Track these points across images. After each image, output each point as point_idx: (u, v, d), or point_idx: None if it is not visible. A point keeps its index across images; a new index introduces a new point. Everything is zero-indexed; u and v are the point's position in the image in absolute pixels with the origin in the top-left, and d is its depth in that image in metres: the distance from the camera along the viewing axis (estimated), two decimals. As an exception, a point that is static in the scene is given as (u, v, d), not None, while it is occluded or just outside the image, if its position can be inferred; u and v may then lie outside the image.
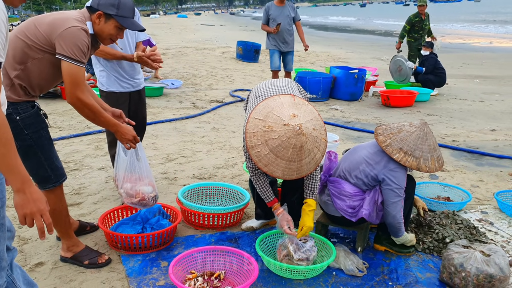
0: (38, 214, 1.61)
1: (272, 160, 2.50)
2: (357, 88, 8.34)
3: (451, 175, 4.60)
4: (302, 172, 2.56)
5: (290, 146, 2.45)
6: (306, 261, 2.74)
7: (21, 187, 1.57)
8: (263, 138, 2.48)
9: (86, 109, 2.54)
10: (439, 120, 6.97)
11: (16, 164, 1.54)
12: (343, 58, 15.16)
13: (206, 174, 4.53)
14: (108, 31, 2.63)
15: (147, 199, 2.84)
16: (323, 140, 2.58)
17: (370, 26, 40.89)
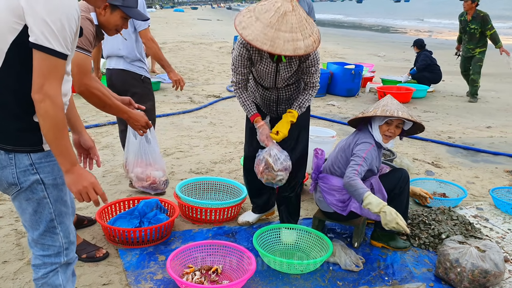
0: (90, 187, 1.71)
1: (251, 23, 2.39)
2: (354, 84, 8.35)
3: (447, 172, 4.63)
4: (275, 46, 2.33)
5: (273, 9, 2.36)
6: (285, 171, 2.76)
7: (71, 168, 1.66)
8: (253, 7, 2.47)
9: (95, 97, 2.55)
10: (435, 116, 7.00)
11: (67, 146, 1.63)
12: (340, 54, 15.16)
13: (203, 169, 4.54)
14: (114, 22, 2.64)
15: (158, 183, 2.83)
16: (311, 38, 2.43)
17: (366, 22, 40.88)
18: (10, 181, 1.69)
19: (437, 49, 13.40)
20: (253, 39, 2.35)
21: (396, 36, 25.14)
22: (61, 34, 1.53)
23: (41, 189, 1.73)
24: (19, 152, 1.67)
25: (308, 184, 4.04)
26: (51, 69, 1.54)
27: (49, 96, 1.54)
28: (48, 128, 1.58)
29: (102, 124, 6.00)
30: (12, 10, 1.52)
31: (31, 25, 1.50)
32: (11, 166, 1.67)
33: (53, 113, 1.56)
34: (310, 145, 4.24)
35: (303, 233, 3.03)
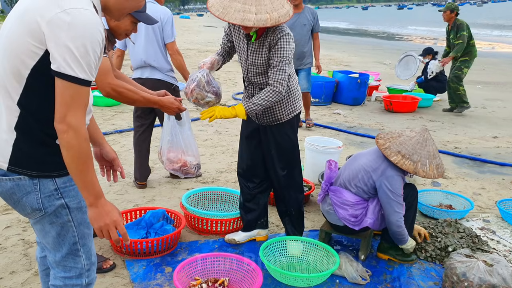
0: (112, 226, 1.64)
1: None
2: (360, 93, 8.36)
3: (453, 183, 4.62)
4: (225, 13, 2.44)
5: None
6: (215, 95, 2.73)
7: (94, 202, 1.60)
8: None
9: (122, 95, 2.54)
10: (441, 126, 6.98)
11: (91, 180, 1.57)
12: (345, 62, 15.18)
13: (209, 178, 4.55)
14: (124, 27, 2.66)
15: (188, 166, 2.80)
16: (267, 15, 2.45)
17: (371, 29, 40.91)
18: (34, 207, 1.64)
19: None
20: (211, 6, 2.50)
21: (401, 44, 25.14)
22: (85, 60, 1.47)
23: (66, 213, 1.69)
24: (44, 177, 1.63)
25: (314, 195, 4.04)
26: (74, 97, 1.48)
27: (72, 126, 1.48)
28: (71, 160, 1.52)
29: (109, 133, 6.02)
30: (32, 34, 1.47)
31: (52, 52, 1.45)
32: (36, 191, 1.62)
33: (76, 144, 1.50)
34: (317, 155, 4.29)
35: (310, 246, 3.02)
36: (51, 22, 1.44)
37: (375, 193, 2.89)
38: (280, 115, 2.91)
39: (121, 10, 1.71)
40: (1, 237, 3.24)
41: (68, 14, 1.44)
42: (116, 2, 1.66)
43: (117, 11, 1.71)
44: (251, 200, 3.19)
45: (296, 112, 2.98)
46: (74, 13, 1.45)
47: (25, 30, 1.48)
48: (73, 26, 1.44)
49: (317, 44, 6.31)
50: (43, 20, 1.44)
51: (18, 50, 1.50)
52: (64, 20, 1.43)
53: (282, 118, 2.92)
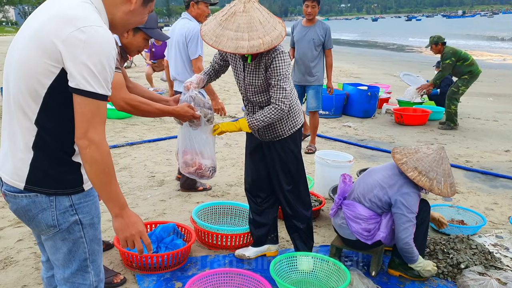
0: (137, 236, 1.67)
1: (210, 21, 2.57)
2: (370, 105, 8.34)
3: (464, 197, 4.58)
4: (219, 42, 2.47)
5: (226, 9, 2.54)
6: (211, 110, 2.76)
7: (119, 213, 1.63)
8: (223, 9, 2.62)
9: (136, 108, 2.58)
10: (452, 139, 6.94)
11: (116, 191, 1.61)
12: (355, 74, 15.18)
13: (219, 191, 4.56)
14: (136, 43, 2.74)
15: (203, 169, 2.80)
16: (260, 40, 2.46)
17: (381, 41, 40.92)
18: (49, 223, 1.65)
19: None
20: (204, 34, 2.53)
21: (412, 55, 25.11)
22: (102, 76, 1.50)
23: (79, 229, 1.70)
24: (60, 195, 1.64)
25: (325, 209, 4.03)
26: (95, 112, 1.51)
27: (94, 141, 1.51)
28: (95, 174, 1.55)
29: (120, 145, 6.07)
30: (48, 54, 1.49)
31: (71, 70, 1.47)
32: (51, 208, 1.64)
33: (100, 158, 1.53)
34: (327, 169, 4.28)
35: (320, 262, 3.01)
36: (67, 41, 1.47)
37: (388, 208, 2.88)
38: (281, 131, 2.91)
39: (126, 25, 1.75)
40: (13, 250, 3.26)
41: (83, 32, 1.47)
42: (121, 18, 1.70)
43: (122, 27, 1.75)
44: (260, 215, 3.19)
45: (298, 127, 2.99)
46: (89, 31, 1.48)
47: (40, 50, 1.50)
48: (89, 44, 1.47)
49: (329, 62, 5.91)
50: (58, 39, 1.47)
51: (34, 71, 1.51)
52: (80, 39, 1.46)
53: (284, 134, 2.93)
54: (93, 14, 1.55)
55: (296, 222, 3.10)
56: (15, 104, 1.59)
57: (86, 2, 1.59)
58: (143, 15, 1.76)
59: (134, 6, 1.68)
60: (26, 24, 1.64)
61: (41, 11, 1.61)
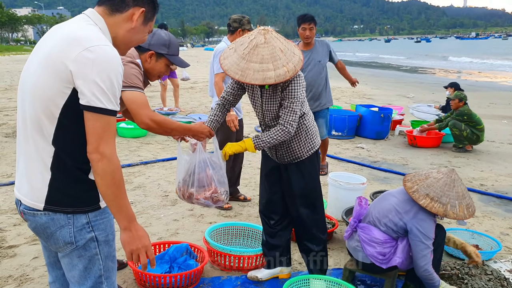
0: (143, 250, 1.73)
1: (231, 54, 2.58)
2: (383, 127, 8.34)
3: (479, 221, 4.53)
4: (245, 76, 2.48)
5: (247, 41, 2.54)
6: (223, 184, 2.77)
7: (128, 226, 1.69)
8: (239, 39, 2.64)
9: (162, 125, 2.63)
10: (466, 162, 6.89)
11: (125, 204, 1.67)
12: (368, 95, 15.20)
13: (231, 212, 4.57)
14: (159, 69, 2.78)
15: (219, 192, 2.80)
16: (285, 68, 2.50)
17: (395, 62, 41.00)
18: (67, 240, 1.70)
19: (468, 90, 13.26)
20: (228, 69, 2.54)
21: (424, 77, 25.09)
22: (111, 92, 1.58)
23: (94, 246, 1.75)
24: (78, 213, 1.70)
25: (338, 232, 4.02)
26: (105, 127, 1.58)
27: (105, 155, 1.58)
28: (107, 187, 1.61)
29: (134, 164, 6.14)
30: (59, 75, 1.56)
31: (81, 88, 1.55)
32: (69, 225, 1.69)
33: (110, 171, 1.60)
34: (340, 192, 4.28)
35: (333, 285, 2.99)
36: (77, 61, 1.55)
37: (404, 233, 2.87)
38: (299, 153, 2.93)
39: (128, 44, 1.83)
40: (28, 268, 3.30)
41: (91, 52, 1.56)
42: (123, 36, 1.78)
43: (124, 45, 1.82)
44: (273, 237, 3.19)
45: (316, 148, 3.01)
46: (96, 50, 1.57)
47: (52, 73, 1.58)
48: (97, 62, 1.55)
49: (342, 67, 5.76)
50: (68, 60, 1.55)
51: (48, 93, 1.59)
52: (88, 58, 1.55)
53: (302, 156, 2.95)
54: (99, 34, 1.65)
55: (310, 245, 3.09)
56: (32, 126, 1.66)
57: (90, 24, 1.69)
58: (144, 34, 1.84)
59: (135, 24, 1.76)
60: (37, 48, 1.72)
61: (50, 35, 1.71)
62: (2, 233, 3.88)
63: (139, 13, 1.76)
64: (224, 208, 4.61)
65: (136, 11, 1.75)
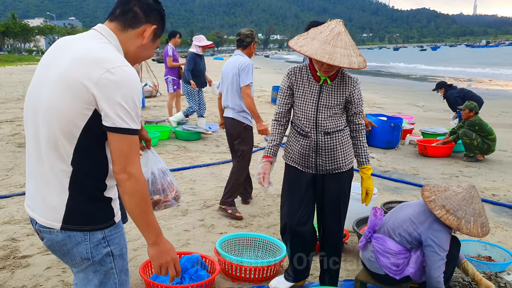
0: (171, 263, 1.78)
1: (308, 42, 2.62)
2: (393, 137, 8.32)
3: (492, 232, 4.49)
4: (334, 58, 2.52)
5: (328, 29, 2.61)
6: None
7: (156, 240, 1.74)
8: (305, 34, 2.71)
9: None
10: (477, 172, 6.84)
11: (153, 220, 1.72)
12: (378, 104, 15.17)
13: (242, 222, 4.58)
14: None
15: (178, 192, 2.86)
16: (361, 57, 2.65)
17: (403, 70, 40.89)
18: (83, 256, 1.71)
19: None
20: (313, 53, 2.54)
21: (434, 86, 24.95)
22: (134, 112, 1.61)
23: (110, 260, 1.76)
24: (95, 230, 1.71)
25: (349, 243, 4.01)
26: (131, 147, 1.62)
27: (133, 174, 1.61)
28: (135, 204, 1.65)
29: (145, 174, 6.16)
30: (80, 97, 1.56)
31: (106, 111, 1.56)
32: (86, 241, 1.70)
33: (139, 189, 1.64)
34: (351, 202, 4.22)
35: (344, 296, 2.99)
36: (99, 83, 1.56)
37: (417, 244, 2.86)
38: (342, 163, 2.95)
39: (136, 59, 1.86)
40: (41, 278, 3.33)
41: (113, 74, 1.57)
42: (134, 52, 1.81)
43: (133, 61, 1.84)
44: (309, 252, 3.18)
45: (353, 164, 3.03)
46: (118, 72, 1.59)
47: (72, 94, 1.57)
48: (120, 84, 1.58)
49: None
50: (90, 82, 1.56)
51: (69, 115, 1.59)
52: (111, 80, 1.57)
53: (342, 167, 2.96)
54: (116, 54, 1.67)
55: (331, 256, 3.11)
56: (48, 147, 1.65)
57: (105, 42, 1.71)
58: (152, 50, 1.88)
59: (146, 41, 1.80)
60: (46, 65, 1.71)
61: (60, 53, 1.69)
62: (15, 243, 3.92)
63: (151, 30, 1.79)
64: (236, 216, 4.63)
65: (148, 27, 1.78)
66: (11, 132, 8.95)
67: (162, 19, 1.85)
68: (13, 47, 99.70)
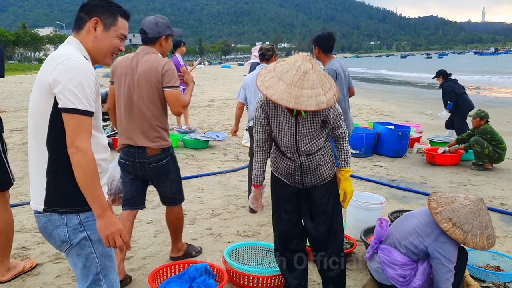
0: (117, 233, 1.92)
1: (274, 83, 2.46)
2: (401, 145, 8.31)
3: (500, 242, 4.47)
4: (300, 103, 2.40)
5: (294, 68, 2.46)
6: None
7: (102, 214, 1.88)
8: (272, 67, 2.57)
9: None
10: (486, 181, 6.81)
11: (99, 194, 1.88)
12: (386, 112, 15.15)
13: (250, 231, 4.60)
14: (169, 47, 3.49)
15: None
16: (331, 92, 2.51)
17: (411, 78, 40.80)
18: (62, 239, 1.96)
19: (487, 107, 13.11)
20: (278, 98, 2.43)
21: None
22: (82, 94, 1.83)
23: (88, 245, 1.98)
24: (71, 213, 1.94)
25: (356, 252, 4.02)
26: (79, 125, 1.83)
27: (80, 149, 1.81)
28: (81, 177, 1.83)
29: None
30: (45, 90, 1.87)
31: (57, 94, 1.83)
32: (63, 225, 1.94)
33: (84, 163, 1.82)
34: (359, 211, 4.28)
35: (352, 306, 2.99)
36: (53, 73, 1.86)
37: (424, 256, 2.86)
38: (326, 174, 2.96)
39: (100, 52, 2.05)
40: (52, 286, 3.38)
41: (64, 64, 1.87)
42: (91, 47, 2.03)
43: (98, 55, 2.05)
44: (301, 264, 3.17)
45: (335, 166, 3.04)
46: (67, 62, 1.87)
47: (41, 89, 1.90)
48: (68, 71, 1.85)
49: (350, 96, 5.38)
50: (49, 75, 1.86)
51: (41, 107, 1.90)
52: (61, 68, 1.86)
53: (328, 177, 2.97)
54: (71, 51, 1.95)
55: (330, 265, 3.10)
56: (31, 138, 1.96)
57: (68, 44, 2.01)
58: (111, 39, 2.05)
59: (95, 34, 2.01)
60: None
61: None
62: (26, 251, 3.97)
63: (93, 23, 2.00)
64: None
65: (91, 22, 2.00)
66: (21, 141, 9.05)
67: (107, 10, 2.03)
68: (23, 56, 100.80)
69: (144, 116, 3.27)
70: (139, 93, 3.25)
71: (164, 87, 3.26)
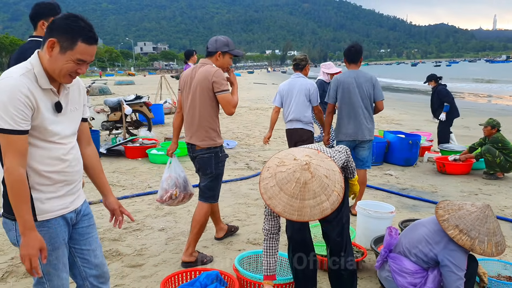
0: (27, 258, 1.97)
1: (276, 193, 2.44)
2: (411, 154, 8.30)
3: (512, 252, 4.45)
4: (303, 215, 2.40)
5: (293, 180, 2.42)
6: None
7: (23, 231, 1.96)
8: (273, 171, 2.52)
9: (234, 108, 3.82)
10: (497, 190, 6.78)
11: (22, 213, 1.94)
12: (396, 120, 15.12)
13: (260, 239, 4.62)
14: (227, 63, 3.95)
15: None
16: (335, 192, 2.46)
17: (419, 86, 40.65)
18: (13, 242, 2.12)
19: (498, 115, 13.05)
20: (281, 211, 2.43)
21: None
22: (7, 115, 1.86)
23: None
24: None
25: (367, 261, 4.02)
26: (7, 144, 1.89)
27: (6, 168, 1.89)
28: (8, 194, 1.93)
29: (164, 190, 6.26)
30: None
31: None
32: (13, 230, 2.08)
33: (9, 182, 1.91)
34: (369, 220, 4.29)
35: (362, 315, 3.00)
36: None
37: (434, 264, 2.87)
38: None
39: (54, 72, 2.00)
40: None
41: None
42: (47, 66, 2.00)
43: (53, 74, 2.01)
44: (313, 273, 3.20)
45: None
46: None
47: None
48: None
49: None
50: None
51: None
52: None
53: None
54: (18, 67, 1.96)
55: (342, 271, 3.11)
56: None
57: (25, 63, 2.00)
58: (65, 62, 2.00)
59: (50, 54, 1.98)
60: None
61: None
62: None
63: (50, 44, 1.97)
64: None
65: (48, 42, 1.97)
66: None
67: (67, 33, 1.95)
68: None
69: (198, 118, 3.83)
70: (194, 98, 3.82)
71: (216, 92, 3.75)
